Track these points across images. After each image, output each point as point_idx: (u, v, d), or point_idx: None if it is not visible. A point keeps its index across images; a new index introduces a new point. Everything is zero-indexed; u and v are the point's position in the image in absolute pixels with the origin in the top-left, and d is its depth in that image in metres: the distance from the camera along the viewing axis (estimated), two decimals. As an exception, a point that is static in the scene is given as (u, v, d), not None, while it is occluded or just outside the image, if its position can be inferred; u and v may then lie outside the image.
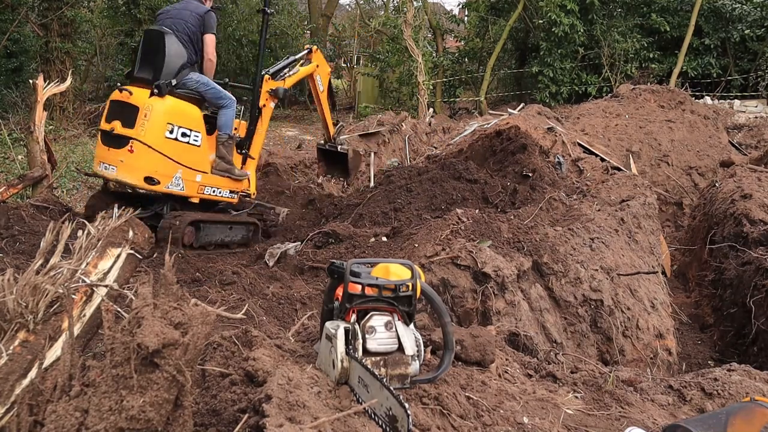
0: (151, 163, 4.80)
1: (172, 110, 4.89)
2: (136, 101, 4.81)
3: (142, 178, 4.79)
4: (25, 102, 12.88)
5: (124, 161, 4.77)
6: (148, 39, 5.09)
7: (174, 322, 1.49)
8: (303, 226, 6.25)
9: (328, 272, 2.10)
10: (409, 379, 1.93)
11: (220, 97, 5.19)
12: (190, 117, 5.02)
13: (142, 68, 5.04)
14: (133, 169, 4.78)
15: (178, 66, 4.95)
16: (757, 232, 5.18)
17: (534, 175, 6.29)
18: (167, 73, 4.89)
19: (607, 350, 4.07)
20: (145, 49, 5.08)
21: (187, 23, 5.04)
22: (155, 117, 4.77)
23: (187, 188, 5.10)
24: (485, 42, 20.33)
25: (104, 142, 4.93)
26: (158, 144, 4.80)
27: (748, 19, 17.29)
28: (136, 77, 5.05)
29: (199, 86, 5.08)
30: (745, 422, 1.56)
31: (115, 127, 4.81)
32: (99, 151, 4.99)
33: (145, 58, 5.05)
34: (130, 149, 4.73)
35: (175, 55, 4.93)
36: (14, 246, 4.50)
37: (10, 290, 1.83)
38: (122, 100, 4.87)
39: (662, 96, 10.99)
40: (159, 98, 4.81)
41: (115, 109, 4.93)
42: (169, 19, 5.08)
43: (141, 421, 1.37)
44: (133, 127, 4.74)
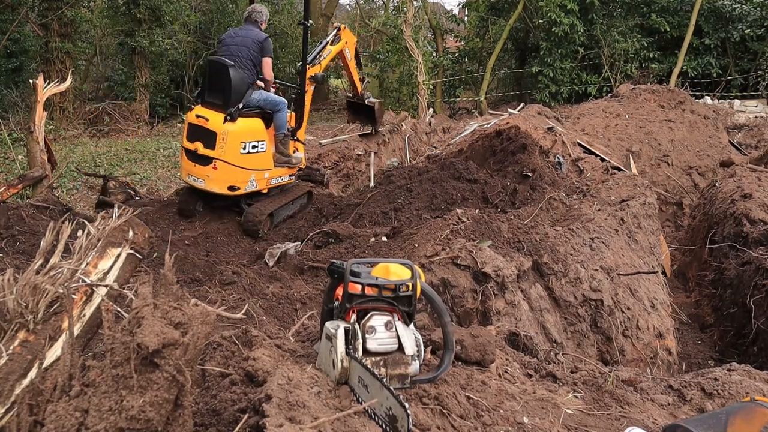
0: (232, 175, 5.81)
1: (244, 130, 5.82)
2: (213, 127, 5.70)
3: (225, 188, 5.83)
4: (25, 102, 12.89)
5: (210, 176, 5.77)
6: (214, 68, 5.89)
7: (174, 322, 1.49)
8: (303, 226, 6.25)
9: (328, 272, 2.10)
10: (409, 379, 1.93)
11: (275, 104, 6.05)
12: (256, 131, 5.96)
13: (212, 94, 5.90)
14: (218, 181, 5.79)
15: (243, 90, 5.79)
16: (757, 232, 5.18)
17: (534, 175, 6.29)
18: (235, 99, 5.73)
19: (607, 350, 4.07)
20: (213, 76, 5.91)
21: (250, 50, 5.87)
22: (231, 140, 5.71)
23: (259, 185, 6.10)
24: (485, 42, 20.32)
25: (190, 158, 5.87)
26: (236, 160, 5.78)
27: (748, 19, 17.29)
28: (207, 101, 5.90)
29: (261, 102, 5.95)
30: (745, 422, 1.56)
31: (198, 147, 5.74)
32: (186, 165, 5.95)
33: (213, 85, 5.88)
34: (214, 167, 5.72)
35: (240, 82, 5.77)
36: (14, 246, 4.50)
37: (10, 290, 1.82)
38: (200, 125, 5.76)
39: (662, 96, 10.98)
40: (232, 122, 5.69)
41: (194, 131, 5.82)
42: (234, 47, 5.88)
43: (141, 421, 1.37)
44: (214, 149, 5.69)
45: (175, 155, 11.26)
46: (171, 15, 15.74)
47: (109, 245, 2.19)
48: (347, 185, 8.79)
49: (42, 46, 13.77)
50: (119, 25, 15.81)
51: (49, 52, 13.64)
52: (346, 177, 8.84)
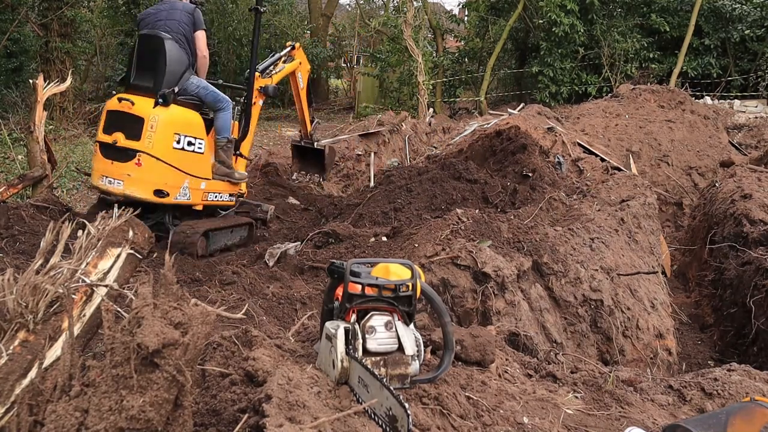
0: (160, 175, 4.71)
1: (178, 119, 4.79)
2: (139, 112, 4.65)
3: (151, 192, 4.70)
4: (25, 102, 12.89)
5: (131, 175, 4.64)
6: (144, 44, 4.86)
7: (174, 322, 1.49)
8: (303, 226, 6.25)
9: (328, 272, 2.10)
10: (409, 379, 1.93)
11: (218, 100, 5.08)
12: (194, 125, 4.94)
13: (141, 75, 4.84)
14: (141, 182, 4.66)
15: (180, 72, 4.81)
16: (757, 232, 5.18)
17: (534, 175, 6.29)
18: (169, 80, 4.74)
19: (607, 350, 4.07)
20: (143, 55, 4.86)
21: (180, 23, 4.85)
22: (162, 128, 4.65)
23: (193, 197, 5.02)
24: (485, 42, 20.32)
25: (106, 155, 4.74)
26: (167, 155, 4.70)
27: (748, 19, 17.29)
28: (133, 85, 4.85)
29: (200, 90, 4.97)
30: (745, 422, 1.56)
31: (117, 139, 4.65)
32: (99, 164, 4.78)
33: (143, 65, 4.84)
34: (138, 163, 4.60)
35: (177, 61, 4.79)
36: (14, 246, 4.50)
37: (10, 290, 1.82)
38: (123, 111, 4.69)
39: (662, 96, 10.99)
40: (164, 108, 4.68)
41: (114, 119, 4.74)
42: (161, 22, 4.86)
43: (141, 421, 1.37)
44: (139, 140, 4.60)
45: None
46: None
47: (109, 245, 2.19)
48: (347, 185, 8.80)
49: (42, 46, 13.77)
50: (119, 25, 15.83)
51: (49, 52, 13.64)
52: (346, 177, 8.85)
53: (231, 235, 5.44)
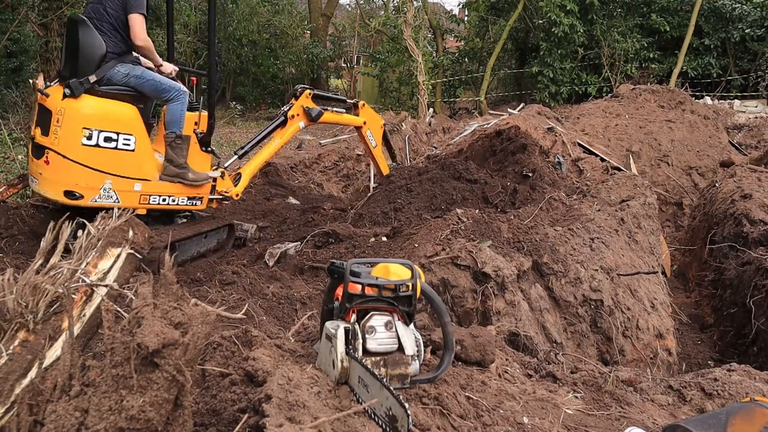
0: (68, 175, 4.20)
1: (89, 112, 4.25)
2: (50, 104, 4.20)
3: (61, 193, 4.22)
4: (25, 102, 12.88)
5: (42, 174, 4.23)
6: (68, 29, 4.36)
7: (174, 321, 1.49)
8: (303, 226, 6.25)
9: (328, 272, 2.10)
10: (409, 379, 1.93)
11: (162, 90, 4.53)
12: (114, 118, 4.34)
13: (64, 64, 4.39)
14: (51, 182, 4.22)
15: (96, 58, 4.25)
16: (757, 232, 5.18)
17: (534, 175, 6.29)
18: (84, 68, 4.22)
19: (607, 350, 4.07)
20: (66, 42, 4.39)
21: (105, 8, 4.33)
22: (68, 122, 4.15)
23: (124, 199, 4.44)
24: (485, 42, 20.32)
25: (32, 152, 4.38)
26: (74, 153, 4.19)
27: (748, 19, 17.28)
28: (59, 73, 4.43)
29: (130, 79, 4.40)
30: (745, 422, 1.56)
31: (35, 134, 4.27)
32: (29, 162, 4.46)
33: (67, 52, 4.38)
34: (46, 161, 4.17)
35: (91, 46, 4.22)
36: (14, 246, 4.49)
37: (10, 290, 1.83)
38: (40, 103, 4.30)
39: (662, 96, 10.99)
40: (73, 99, 4.18)
41: (39, 113, 4.36)
42: (90, 5, 4.40)
43: (141, 421, 1.37)
44: (47, 135, 4.18)
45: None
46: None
47: (109, 245, 2.20)
48: (347, 185, 8.79)
49: (42, 46, 13.76)
50: (119, 25, 15.79)
51: (49, 52, 13.62)
52: (346, 177, 8.84)
53: (205, 240, 5.01)
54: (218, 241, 5.20)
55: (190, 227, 4.90)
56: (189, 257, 4.82)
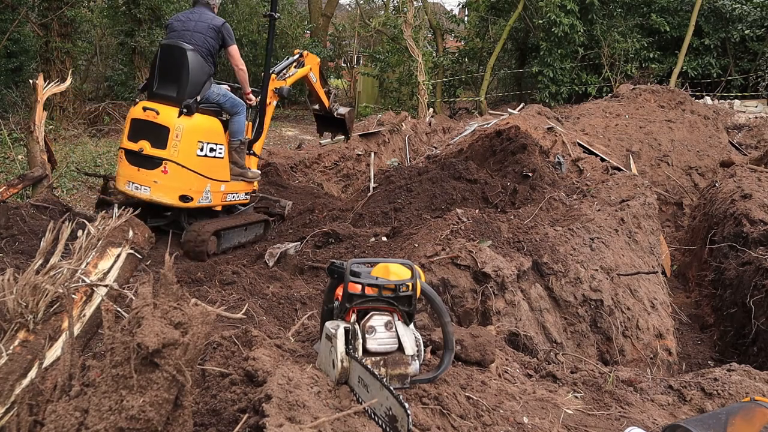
0: (185, 182, 4.94)
1: (201, 128, 5.01)
2: (164, 121, 4.85)
3: (177, 198, 4.94)
4: (25, 102, 12.89)
5: (158, 182, 4.87)
6: (167, 54, 5.01)
7: (174, 321, 1.49)
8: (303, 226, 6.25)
9: (328, 272, 2.10)
10: (409, 379, 1.93)
11: (235, 105, 5.31)
12: (215, 132, 5.17)
13: (163, 85, 5.02)
14: (168, 189, 4.90)
15: (202, 82, 5.00)
16: (757, 232, 5.18)
17: (534, 175, 6.29)
18: (192, 90, 4.93)
19: (607, 350, 4.07)
20: (165, 64, 5.03)
21: (206, 37, 5.05)
22: (187, 137, 4.88)
23: (214, 199, 5.26)
24: (485, 42, 20.33)
25: (132, 162, 4.95)
26: (191, 163, 4.93)
27: (748, 19, 17.29)
28: (156, 93, 5.03)
29: (220, 98, 5.20)
30: (745, 422, 1.56)
31: (144, 147, 4.86)
32: (125, 170, 4.99)
33: (166, 75, 5.02)
34: (164, 170, 4.84)
35: (200, 71, 4.96)
36: (14, 246, 4.49)
37: (10, 290, 1.83)
38: (148, 120, 4.89)
39: (662, 96, 10.99)
40: (188, 117, 4.89)
41: (139, 128, 4.94)
42: (187, 32, 5.05)
43: (141, 420, 1.37)
44: (165, 148, 4.83)
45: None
46: (171, 15, 15.72)
47: (109, 245, 2.19)
48: (347, 185, 8.79)
49: (42, 46, 13.77)
50: (119, 25, 15.80)
51: (49, 52, 13.63)
52: (346, 177, 8.84)
53: (245, 233, 5.62)
54: (256, 234, 5.83)
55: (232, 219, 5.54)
56: (232, 246, 5.43)
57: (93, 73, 17.99)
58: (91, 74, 17.79)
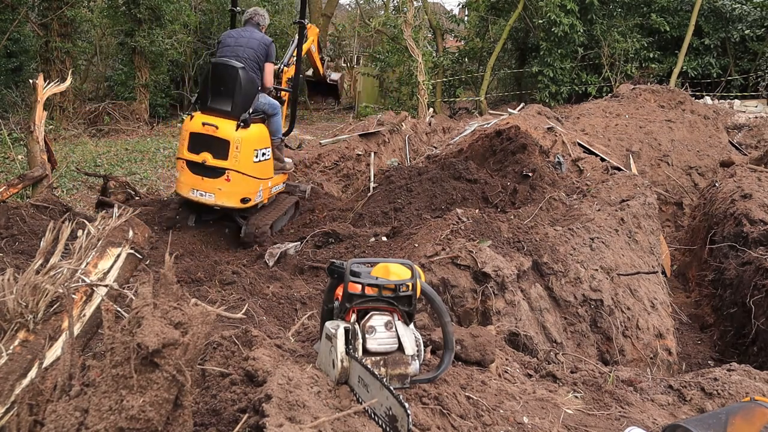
0: (245, 186, 5.49)
1: (255, 137, 5.51)
2: (224, 135, 5.31)
3: (238, 201, 5.48)
4: (25, 102, 12.90)
5: (222, 189, 5.38)
6: (220, 71, 5.43)
7: (174, 321, 1.49)
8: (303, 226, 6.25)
9: (328, 272, 2.10)
10: (409, 379, 1.93)
11: (273, 107, 5.79)
12: (265, 138, 5.68)
13: (217, 99, 5.43)
14: (231, 194, 5.43)
15: (252, 95, 5.46)
16: (757, 232, 5.18)
17: (534, 175, 6.29)
18: (244, 104, 5.39)
19: (607, 350, 4.07)
20: (218, 80, 5.44)
21: (257, 52, 5.52)
22: (245, 148, 5.38)
23: (264, 195, 5.82)
24: (485, 42, 20.32)
25: (195, 171, 5.41)
26: (250, 170, 5.47)
27: (748, 19, 17.29)
28: (211, 107, 5.44)
29: (266, 107, 5.69)
30: (745, 422, 1.56)
31: (206, 159, 5.32)
32: (188, 179, 5.45)
33: (219, 90, 5.42)
34: (227, 179, 5.35)
35: (250, 86, 5.42)
36: (14, 246, 4.49)
37: (10, 290, 1.83)
38: (208, 134, 5.33)
39: (662, 96, 10.98)
40: (245, 130, 5.36)
41: (199, 141, 5.36)
42: (240, 48, 5.50)
43: (141, 420, 1.37)
44: (227, 159, 5.32)
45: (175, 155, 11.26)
46: (171, 15, 15.74)
47: (109, 245, 2.19)
48: (347, 185, 8.79)
49: (42, 45, 13.77)
50: (119, 25, 15.81)
51: (49, 51, 13.64)
52: (346, 177, 8.83)
53: (285, 216, 6.22)
54: (291, 216, 6.45)
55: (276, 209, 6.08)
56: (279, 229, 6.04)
57: (93, 73, 17.99)
58: (91, 74, 17.79)
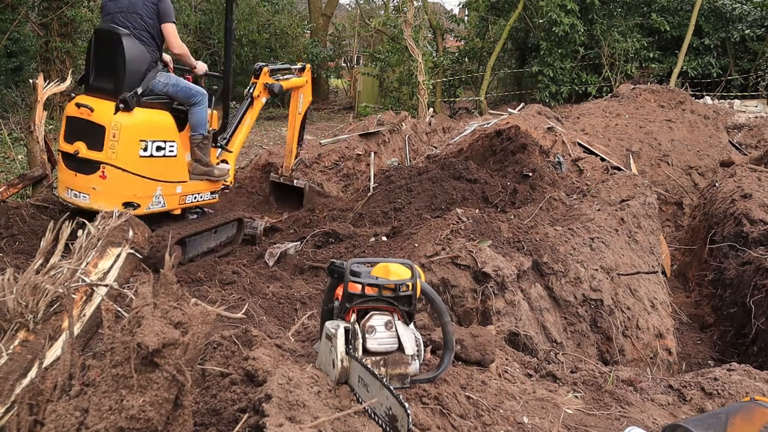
0: (127, 187, 4.33)
1: (143, 124, 4.37)
2: (99, 119, 4.24)
3: (120, 205, 4.29)
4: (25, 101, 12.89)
5: (97, 188, 4.28)
6: (101, 41, 4.38)
7: (174, 321, 1.49)
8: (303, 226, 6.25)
9: (328, 272, 2.10)
10: (409, 379, 1.93)
11: (191, 95, 4.67)
12: (162, 127, 4.51)
13: (99, 76, 4.40)
14: (108, 196, 4.29)
15: (142, 71, 4.36)
16: (757, 232, 5.18)
17: (534, 175, 6.29)
18: (131, 81, 4.29)
19: (607, 350, 4.07)
20: (100, 52, 4.40)
21: (143, 17, 4.35)
22: (125, 136, 4.24)
23: (169, 203, 4.67)
24: (485, 42, 20.32)
25: (69, 166, 4.41)
26: (133, 165, 4.31)
27: (748, 19, 17.29)
28: (93, 86, 4.43)
29: (168, 88, 4.56)
30: (745, 422, 1.56)
31: (79, 149, 4.28)
32: (63, 175, 4.49)
33: (101, 64, 4.41)
34: (102, 175, 4.23)
35: (138, 59, 4.31)
36: (14, 246, 4.50)
37: (10, 290, 1.83)
38: (82, 118, 4.30)
39: (662, 96, 10.98)
40: (126, 113, 4.26)
41: (74, 127, 4.37)
42: (121, 14, 4.35)
43: (141, 420, 1.37)
44: (101, 150, 4.23)
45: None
46: (171, 15, 15.72)
47: (109, 245, 2.19)
48: (347, 185, 8.79)
49: (42, 45, 13.77)
50: (119, 25, 15.79)
51: (49, 51, 13.63)
52: (346, 177, 8.83)
53: (215, 236, 5.12)
54: (228, 236, 5.34)
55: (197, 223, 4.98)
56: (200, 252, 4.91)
57: (93, 72, 17.97)
58: (91, 74, 17.77)
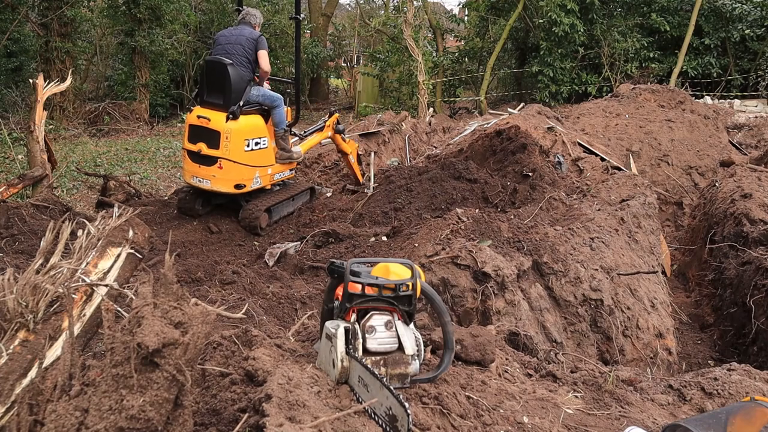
0: (237, 174, 5.91)
1: (246, 128, 5.92)
2: (216, 126, 5.79)
3: (232, 186, 5.92)
4: (25, 101, 12.91)
5: (216, 176, 5.87)
6: (212, 68, 5.95)
7: (174, 321, 1.49)
8: (303, 225, 6.25)
9: (328, 272, 2.10)
10: (409, 379, 1.93)
11: (273, 100, 6.16)
12: (258, 128, 6.08)
13: (212, 94, 5.97)
14: (224, 180, 5.88)
15: (242, 88, 5.87)
16: (757, 232, 5.18)
17: (534, 175, 6.29)
18: (235, 97, 5.82)
19: (607, 350, 4.07)
20: (211, 76, 5.97)
21: (245, 48, 5.96)
22: (235, 138, 5.82)
23: (263, 181, 6.24)
24: (485, 41, 20.31)
25: (193, 160, 5.94)
26: (240, 158, 5.88)
27: (748, 19, 17.28)
28: (206, 101, 5.97)
29: (259, 98, 6.07)
30: (745, 422, 1.56)
31: (201, 148, 5.83)
32: (189, 167, 6.01)
33: (213, 85, 5.95)
34: (219, 166, 5.82)
35: (239, 80, 5.84)
36: (14, 246, 4.50)
37: (10, 290, 1.83)
38: (202, 126, 5.84)
39: (662, 96, 10.97)
40: (234, 121, 5.79)
41: (196, 132, 5.90)
42: (229, 45, 5.97)
43: (141, 420, 1.37)
44: (218, 149, 5.80)
45: (176, 155, 11.26)
46: (171, 15, 15.74)
47: (109, 245, 2.19)
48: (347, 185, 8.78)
49: (42, 45, 13.77)
50: (119, 25, 15.81)
51: (49, 51, 13.63)
52: (346, 177, 8.83)
53: (292, 202, 6.68)
54: (303, 202, 6.91)
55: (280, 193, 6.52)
56: (283, 216, 6.49)
57: (93, 72, 17.98)
58: (91, 74, 17.77)
